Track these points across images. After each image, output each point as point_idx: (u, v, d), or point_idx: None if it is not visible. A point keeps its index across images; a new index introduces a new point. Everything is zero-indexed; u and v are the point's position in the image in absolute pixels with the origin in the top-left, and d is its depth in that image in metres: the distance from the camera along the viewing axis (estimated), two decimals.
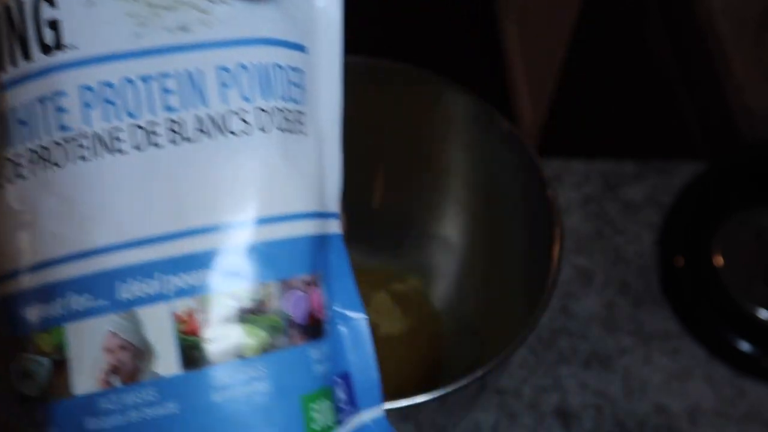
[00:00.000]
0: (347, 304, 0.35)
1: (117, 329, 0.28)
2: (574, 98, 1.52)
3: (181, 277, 0.28)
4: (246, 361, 0.29)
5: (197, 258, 0.29)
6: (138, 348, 0.28)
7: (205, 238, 0.29)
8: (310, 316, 0.31)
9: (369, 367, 0.36)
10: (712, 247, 0.70)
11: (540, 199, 0.52)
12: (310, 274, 0.32)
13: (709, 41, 0.93)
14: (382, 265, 0.64)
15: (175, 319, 0.28)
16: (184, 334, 0.28)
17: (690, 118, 1.01)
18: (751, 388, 0.65)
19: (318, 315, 0.32)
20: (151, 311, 0.28)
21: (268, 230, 0.30)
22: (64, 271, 0.28)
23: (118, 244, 0.28)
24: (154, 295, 0.28)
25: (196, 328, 0.28)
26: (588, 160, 0.77)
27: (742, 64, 0.87)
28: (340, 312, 0.34)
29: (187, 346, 0.28)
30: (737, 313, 0.67)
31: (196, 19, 0.30)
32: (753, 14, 0.92)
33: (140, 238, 0.28)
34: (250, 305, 0.29)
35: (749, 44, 0.89)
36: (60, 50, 0.29)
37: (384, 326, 0.61)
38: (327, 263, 0.35)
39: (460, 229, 0.61)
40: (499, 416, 0.62)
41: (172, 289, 0.28)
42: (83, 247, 0.28)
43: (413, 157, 0.60)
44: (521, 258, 0.55)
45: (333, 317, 0.34)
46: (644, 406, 0.63)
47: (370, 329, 0.36)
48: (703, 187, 0.74)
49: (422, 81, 0.56)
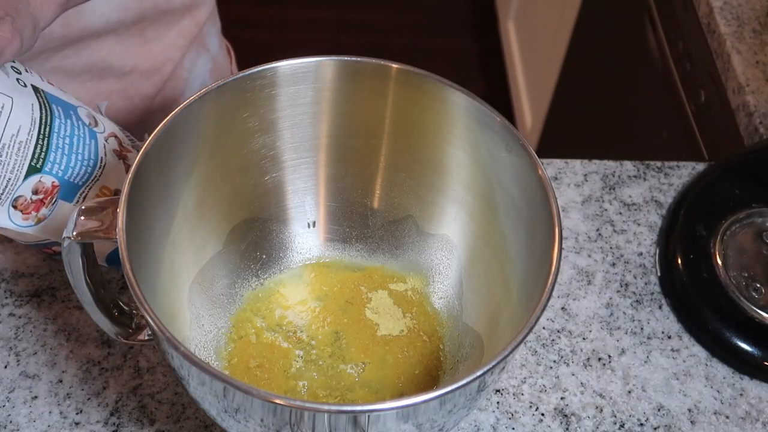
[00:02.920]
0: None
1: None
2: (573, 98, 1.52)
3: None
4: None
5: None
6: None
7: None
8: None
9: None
10: (712, 247, 0.70)
11: (540, 199, 0.52)
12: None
13: (709, 41, 0.93)
14: (382, 265, 0.64)
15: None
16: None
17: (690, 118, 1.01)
18: (751, 388, 0.65)
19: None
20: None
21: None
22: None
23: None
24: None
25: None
26: (588, 160, 0.78)
27: (742, 64, 0.87)
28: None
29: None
30: (737, 313, 0.67)
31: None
32: (753, 14, 0.92)
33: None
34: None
35: (749, 44, 0.89)
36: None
37: (384, 326, 0.61)
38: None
39: (460, 229, 0.61)
40: (499, 416, 0.62)
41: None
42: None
43: (413, 157, 0.60)
44: (521, 258, 0.55)
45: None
46: (644, 406, 0.63)
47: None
48: (703, 187, 0.74)
49: (422, 81, 0.56)
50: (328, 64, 0.57)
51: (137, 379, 0.62)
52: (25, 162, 0.53)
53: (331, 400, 0.57)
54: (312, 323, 0.61)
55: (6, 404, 0.60)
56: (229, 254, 0.61)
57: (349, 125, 0.60)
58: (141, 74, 0.75)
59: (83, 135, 0.57)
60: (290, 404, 0.43)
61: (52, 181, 0.55)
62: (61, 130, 0.55)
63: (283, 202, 0.62)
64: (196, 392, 0.48)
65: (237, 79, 0.55)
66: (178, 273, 0.57)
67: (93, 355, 0.63)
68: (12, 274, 0.66)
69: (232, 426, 0.48)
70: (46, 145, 0.54)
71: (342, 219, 0.64)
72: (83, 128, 0.58)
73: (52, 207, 0.56)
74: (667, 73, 1.07)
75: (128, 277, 0.45)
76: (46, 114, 0.54)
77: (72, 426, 0.59)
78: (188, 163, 0.56)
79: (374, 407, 0.44)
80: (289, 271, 0.63)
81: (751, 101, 0.84)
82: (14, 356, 0.62)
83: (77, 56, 0.70)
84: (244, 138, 0.58)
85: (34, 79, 0.56)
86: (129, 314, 0.57)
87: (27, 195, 0.55)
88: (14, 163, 0.53)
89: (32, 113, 0.53)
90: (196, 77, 0.81)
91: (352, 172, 0.62)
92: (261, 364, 0.58)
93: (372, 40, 2.10)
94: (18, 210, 0.55)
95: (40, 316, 0.64)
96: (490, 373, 0.45)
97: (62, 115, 0.56)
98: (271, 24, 2.11)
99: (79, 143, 0.57)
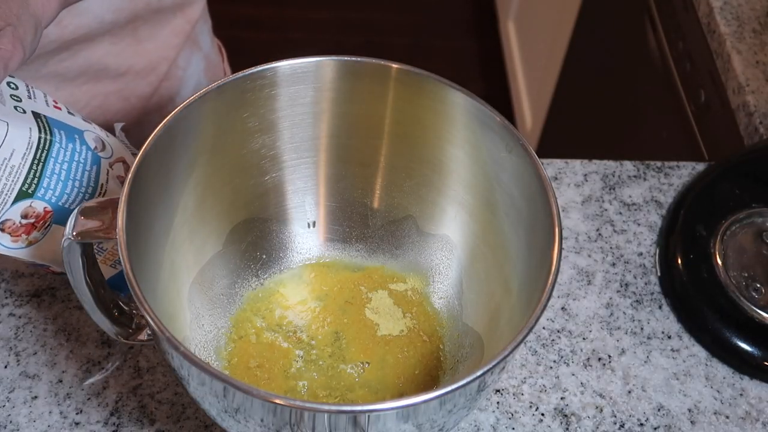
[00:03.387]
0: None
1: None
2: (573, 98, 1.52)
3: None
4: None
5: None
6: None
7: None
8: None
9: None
10: (712, 247, 0.70)
11: (540, 199, 0.52)
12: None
13: (709, 41, 0.93)
14: (382, 265, 0.64)
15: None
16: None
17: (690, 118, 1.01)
18: (751, 388, 0.65)
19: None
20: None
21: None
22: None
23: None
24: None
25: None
26: (588, 160, 0.77)
27: (742, 64, 0.87)
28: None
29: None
30: (737, 313, 0.67)
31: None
32: (753, 14, 0.92)
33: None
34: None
35: (749, 44, 0.89)
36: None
37: (384, 326, 0.61)
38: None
39: (460, 229, 0.61)
40: (499, 416, 0.62)
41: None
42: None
43: (413, 157, 0.60)
44: (521, 258, 0.55)
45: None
46: (644, 406, 0.63)
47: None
48: (703, 187, 0.74)
49: (422, 81, 0.56)
50: (328, 64, 0.57)
51: (137, 379, 0.62)
52: (15, 186, 0.53)
53: (331, 400, 0.57)
54: (312, 323, 0.61)
55: (6, 404, 0.60)
56: (229, 254, 0.61)
57: (349, 125, 0.60)
58: (137, 74, 0.75)
59: (84, 161, 0.57)
60: (290, 404, 0.43)
61: (44, 207, 0.55)
62: (59, 156, 0.55)
63: (283, 202, 0.62)
64: (196, 392, 0.48)
65: (237, 79, 0.55)
66: (178, 273, 0.57)
67: (93, 355, 0.63)
68: (12, 274, 0.66)
69: (232, 426, 0.48)
70: (40, 171, 0.54)
71: (342, 219, 0.64)
72: (86, 153, 0.57)
73: (44, 231, 0.56)
74: (667, 73, 1.07)
75: (128, 277, 0.45)
76: (45, 139, 0.54)
77: (72, 426, 0.59)
78: (188, 163, 0.56)
79: (374, 407, 0.44)
80: (289, 271, 0.63)
81: (751, 101, 0.84)
82: (14, 356, 0.62)
83: (73, 59, 0.70)
84: (243, 138, 0.58)
85: (37, 105, 0.56)
86: (129, 314, 0.57)
87: (15, 219, 0.54)
88: (3, 187, 0.53)
89: (30, 138, 0.53)
90: (191, 76, 0.81)
91: (352, 172, 0.62)
92: (261, 364, 0.58)
93: (372, 40, 2.10)
94: (6, 233, 0.55)
95: (40, 316, 0.64)
96: (490, 373, 0.45)
97: (64, 139, 0.56)
98: (271, 24, 2.11)
99: (78, 169, 0.56)
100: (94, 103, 0.73)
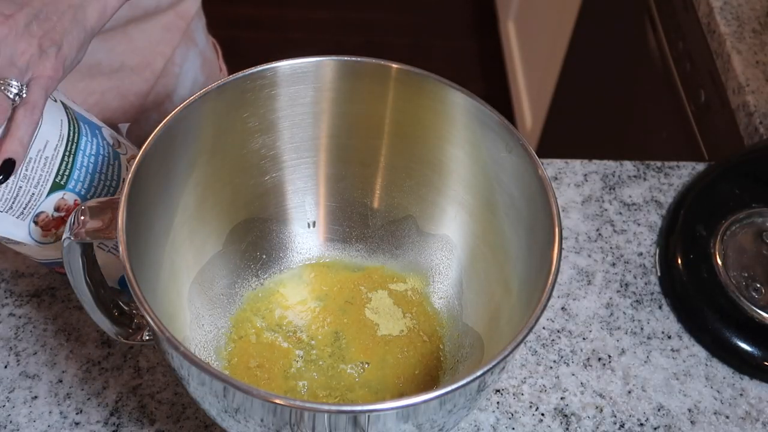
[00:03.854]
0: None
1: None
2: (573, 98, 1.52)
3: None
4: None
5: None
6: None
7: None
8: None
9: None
10: (712, 247, 0.70)
11: (540, 199, 0.52)
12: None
13: (709, 41, 0.93)
14: (382, 265, 0.64)
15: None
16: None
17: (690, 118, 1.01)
18: (751, 388, 0.65)
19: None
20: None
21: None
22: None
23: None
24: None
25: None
26: (588, 160, 0.77)
27: (742, 64, 0.87)
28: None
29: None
30: (737, 313, 0.67)
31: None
32: (753, 14, 0.92)
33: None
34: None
35: (749, 44, 0.89)
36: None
37: (384, 326, 0.61)
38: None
39: (460, 229, 0.61)
40: (499, 416, 0.62)
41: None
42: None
43: (413, 157, 0.60)
44: (521, 258, 0.55)
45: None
46: (644, 406, 0.63)
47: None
48: (703, 187, 0.74)
49: (422, 81, 0.56)
50: (328, 64, 0.57)
51: (137, 379, 0.62)
52: (50, 178, 0.53)
53: (331, 400, 0.57)
54: (312, 323, 0.61)
55: (6, 404, 0.60)
56: (229, 254, 0.61)
57: (349, 125, 0.60)
58: (131, 70, 0.75)
59: (108, 155, 0.57)
60: (290, 404, 0.43)
61: (75, 199, 0.55)
62: (87, 149, 0.55)
63: (283, 202, 0.62)
64: (196, 392, 0.48)
65: (237, 79, 0.55)
66: (178, 273, 0.57)
67: (93, 355, 0.63)
68: (12, 274, 0.66)
69: (232, 426, 0.48)
70: (71, 162, 0.54)
71: (342, 219, 0.64)
72: (108, 148, 0.57)
73: None
74: (667, 73, 1.07)
75: (128, 277, 0.45)
76: (74, 131, 0.54)
77: (72, 426, 0.59)
78: (188, 163, 0.56)
79: (374, 407, 0.44)
80: (289, 271, 0.63)
81: (751, 101, 0.84)
82: (14, 356, 0.62)
83: None
84: (243, 138, 0.58)
85: (62, 96, 0.56)
86: (129, 314, 0.57)
87: (49, 211, 0.54)
88: (39, 178, 0.52)
89: (61, 129, 0.53)
90: (187, 72, 0.81)
91: (352, 172, 0.62)
92: (261, 364, 0.58)
93: (372, 40, 2.10)
94: (39, 226, 0.54)
95: (40, 316, 0.64)
96: (490, 373, 0.45)
97: (89, 133, 0.56)
98: (271, 24, 2.11)
99: (103, 163, 0.57)
100: (91, 100, 0.73)
